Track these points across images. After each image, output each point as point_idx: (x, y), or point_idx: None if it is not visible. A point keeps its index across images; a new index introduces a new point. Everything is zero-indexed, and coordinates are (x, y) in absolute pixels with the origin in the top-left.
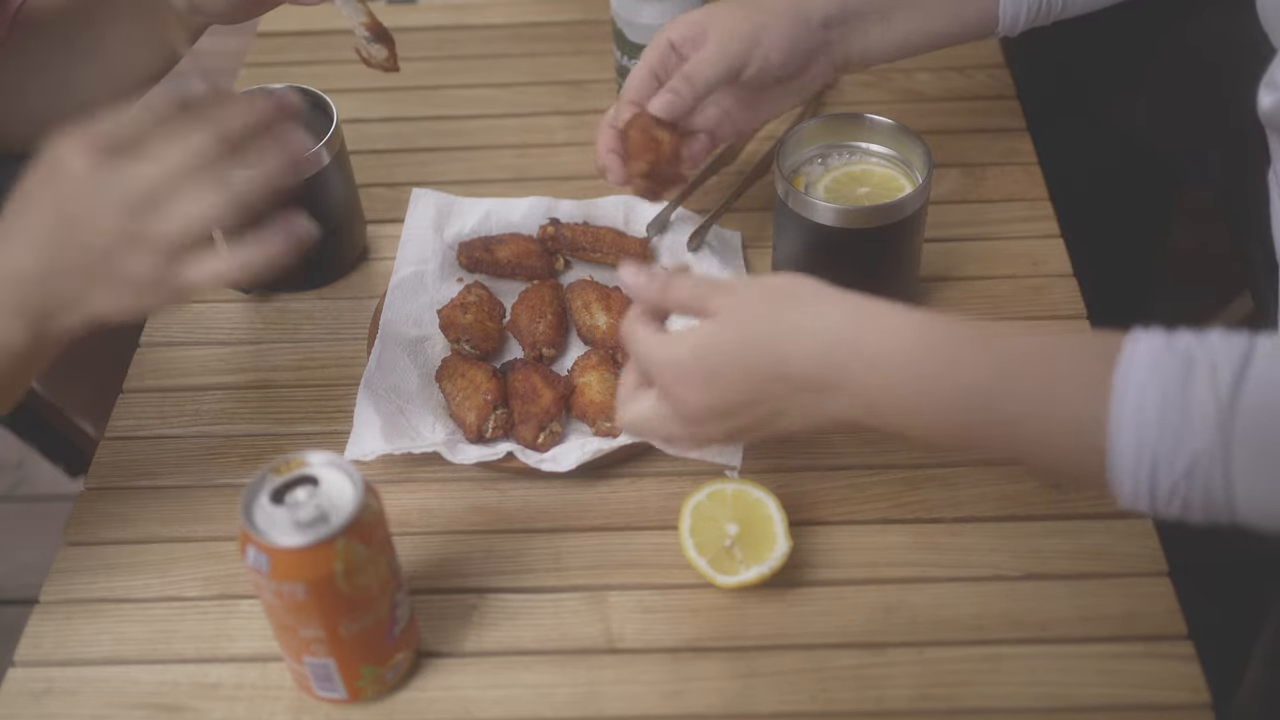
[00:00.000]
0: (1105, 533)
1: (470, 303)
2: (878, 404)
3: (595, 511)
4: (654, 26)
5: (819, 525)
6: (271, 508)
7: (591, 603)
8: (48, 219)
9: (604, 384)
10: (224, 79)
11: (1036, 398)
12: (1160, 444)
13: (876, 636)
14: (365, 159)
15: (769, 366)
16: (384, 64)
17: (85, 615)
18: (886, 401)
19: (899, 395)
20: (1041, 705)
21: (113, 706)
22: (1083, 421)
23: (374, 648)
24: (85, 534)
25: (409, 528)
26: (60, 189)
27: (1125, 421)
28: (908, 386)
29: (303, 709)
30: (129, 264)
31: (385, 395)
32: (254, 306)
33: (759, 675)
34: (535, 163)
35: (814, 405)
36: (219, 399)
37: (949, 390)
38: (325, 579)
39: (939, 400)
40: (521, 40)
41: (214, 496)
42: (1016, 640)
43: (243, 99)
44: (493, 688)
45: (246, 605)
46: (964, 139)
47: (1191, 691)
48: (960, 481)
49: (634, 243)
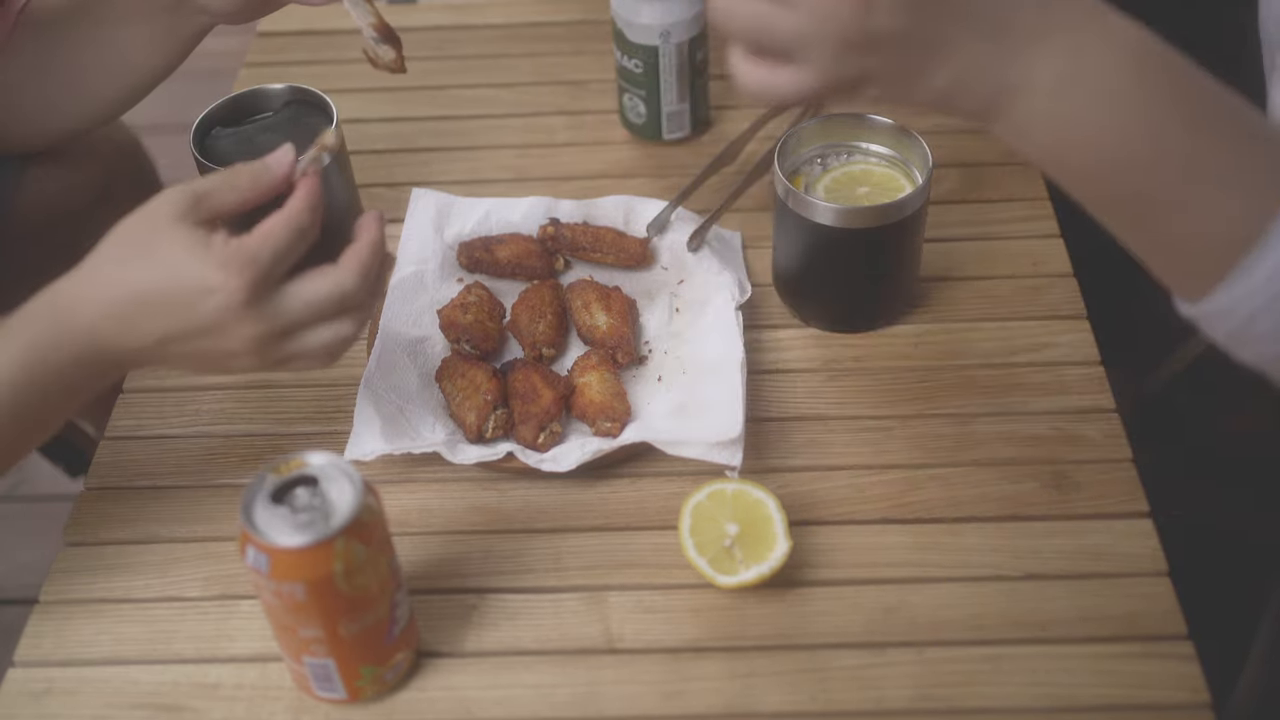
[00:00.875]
0: (1105, 533)
1: (470, 303)
2: (1061, 90)
3: (595, 511)
4: (654, 26)
5: (819, 525)
6: (271, 508)
7: (591, 603)
8: (187, 320)
9: (604, 384)
10: (224, 79)
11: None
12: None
13: (876, 636)
14: (365, 159)
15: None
16: (391, 65)
17: (85, 615)
18: (1070, 92)
19: (1088, 93)
20: (1041, 705)
21: (113, 706)
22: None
23: (374, 648)
24: (85, 534)
25: (409, 528)
26: (213, 305)
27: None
28: (1102, 92)
29: (303, 709)
30: (237, 365)
31: (385, 395)
32: None
33: (759, 675)
34: (535, 163)
35: (981, 59)
36: (219, 399)
37: (1140, 126)
38: (325, 579)
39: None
40: (521, 40)
41: (214, 496)
42: (1016, 640)
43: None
44: (493, 688)
45: (246, 605)
46: (964, 139)
47: (1191, 691)
48: (960, 481)
49: (634, 243)
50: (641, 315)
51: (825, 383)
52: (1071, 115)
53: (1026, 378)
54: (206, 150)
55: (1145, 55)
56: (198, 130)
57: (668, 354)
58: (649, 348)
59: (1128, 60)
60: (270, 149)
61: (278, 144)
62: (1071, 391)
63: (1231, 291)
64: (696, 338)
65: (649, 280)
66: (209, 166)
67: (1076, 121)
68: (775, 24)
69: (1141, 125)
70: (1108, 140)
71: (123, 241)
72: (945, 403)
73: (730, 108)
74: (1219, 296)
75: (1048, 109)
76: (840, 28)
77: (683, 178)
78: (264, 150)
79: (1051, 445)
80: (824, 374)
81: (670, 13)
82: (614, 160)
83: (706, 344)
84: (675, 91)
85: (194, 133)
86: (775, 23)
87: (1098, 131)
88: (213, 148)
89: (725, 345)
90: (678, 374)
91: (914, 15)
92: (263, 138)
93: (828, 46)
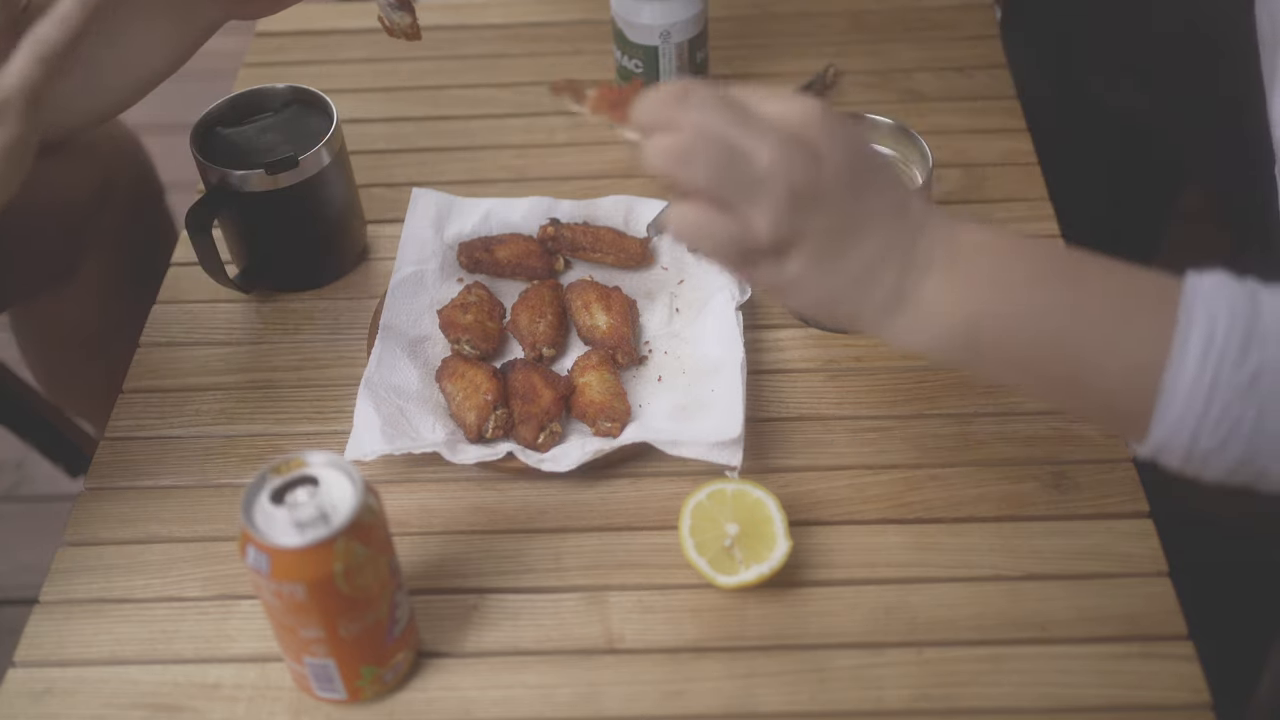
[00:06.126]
0: (1105, 533)
1: (470, 303)
2: (960, 257)
3: (595, 511)
4: (654, 26)
5: (819, 525)
6: (271, 508)
7: (591, 603)
8: None
9: (604, 384)
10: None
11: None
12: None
13: (876, 636)
14: (365, 159)
15: (882, 169)
16: (408, 31)
17: (85, 615)
18: (970, 259)
19: (988, 259)
20: (1041, 705)
21: (112, 707)
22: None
23: (374, 648)
24: (85, 534)
25: (409, 528)
26: None
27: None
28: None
29: (303, 709)
30: None
31: (385, 395)
32: (254, 306)
33: (759, 675)
34: (535, 163)
35: (902, 231)
36: (219, 399)
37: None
38: (325, 579)
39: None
40: (521, 40)
41: (214, 496)
42: (1016, 640)
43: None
44: (493, 688)
45: (246, 605)
46: (964, 139)
47: (1191, 691)
48: (960, 481)
49: (634, 243)
50: (641, 315)
51: (825, 383)
52: (959, 299)
53: None
54: (206, 150)
55: (1011, 241)
56: (198, 130)
57: (668, 354)
58: (649, 348)
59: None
60: (270, 149)
61: (278, 144)
62: None
63: (1164, 422)
64: (696, 338)
65: (649, 280)
66: (209, 166)
67: (966, 302)
68: (744, 158)
69: (1026, 299)
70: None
71: None
72: (945, 403)
73: None
74: (1155, 431)
75: (941, 287)
76: (794, 176)
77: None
78: (264, 150)
79: (1051, 445)
80: (824, 374)
81: (670, 13)
82: (614, 160)
83: (706, 344)
84: None
85: (194, 133)
86: (744, 156)
87: (991, 311)
88: (213, 148)
89: (725, 345)
90: (678, 374)
91: (853, 182)
92: (263, 138)
93: (779, 192)
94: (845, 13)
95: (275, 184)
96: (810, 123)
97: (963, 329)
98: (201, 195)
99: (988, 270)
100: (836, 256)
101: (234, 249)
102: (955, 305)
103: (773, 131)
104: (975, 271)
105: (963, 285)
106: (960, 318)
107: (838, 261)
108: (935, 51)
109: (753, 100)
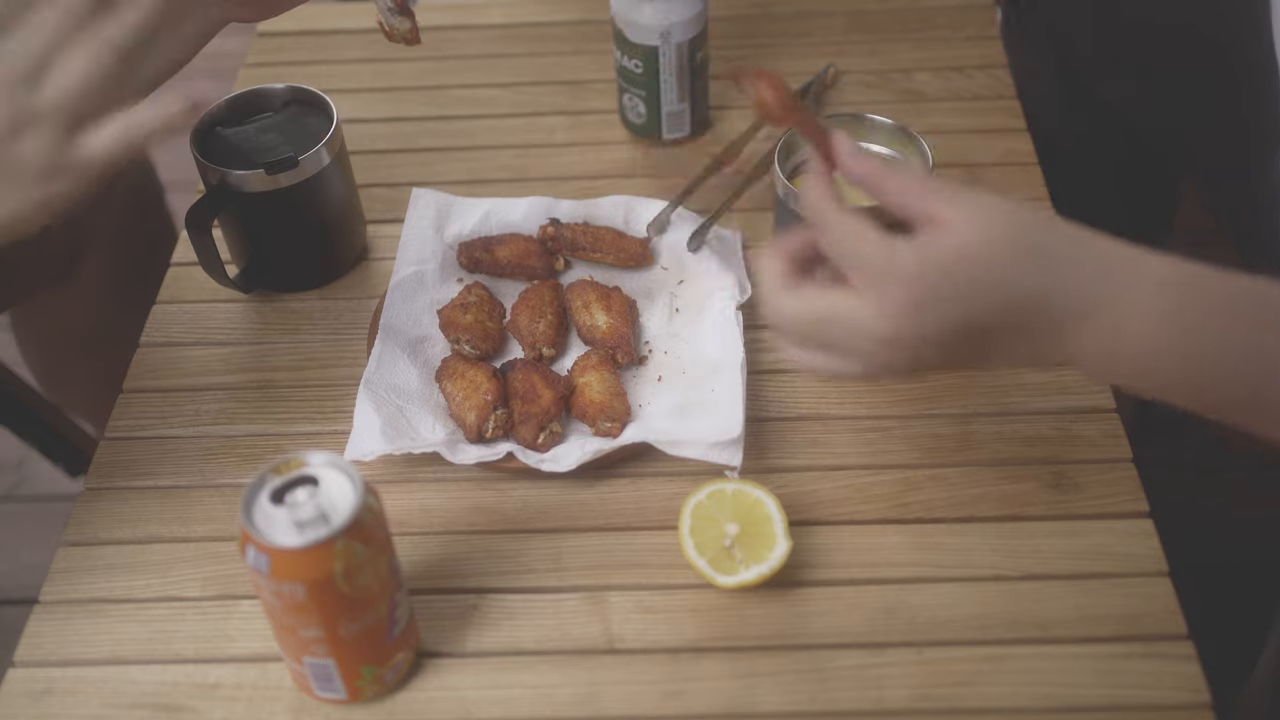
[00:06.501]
0: (1105, 533)
1: (470, 303)
2: (1105, 361)
3: (595, 511)
4: (654, 26)
5: (819, 525)
6: (271, 508)
7: (591, 603)
8: None
9: (604, 384)
10: (224, 79)
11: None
12: None
13: (876, 636)
14: (365, 159)
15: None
16: (407, 36)
17: (85, 615)
18: (1115, 363)
19: (1133, 358)
20: (1041, 705)
21: (112, 707)
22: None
23: (374, 648)
24: (85, 534)
25: (409, 528)
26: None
27: None
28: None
29: (303, 709)
30: (21, 148)
31: (385, 395)
32: (254, 306)
33: (759, 675)
34: (535, 163)
35: (1024, 357)
36: (219, 399)
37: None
38: (325, 579)
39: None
40: (521, 40)
41: (214, 496)
42: (1016, 640)
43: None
44: (493, 688)
45: (246, 605)
46: (964, 139)
47: (1191, 691)
48: (960, 481)
49: (634, 243)
50: (641, 315)
51: (825, 383)
52: (1120, 372)
53: (1026, 378)
54: (206, 150)
55: (1182, 300)
56: (198, 130)
57: (668, 354)
58: (649, 348)
59: (1165, 313)
60: (270, 149)
61: (278, 144)
62: (1071, 391)
63: None
64: (696, 338)
65: (649, 280)
66: (209, 166)
67: (1126, 374)
68: (839, 370)
69: (1193, 366)
70: (1168, 381)
71: None
72: (945, 403)
73: (730, 108)
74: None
75: (1102, 371)
76: (896, 367)
77: (683, 178)
78: (264, 150)
79: (1051, 445)
80: None
81: (670, 13)
82: (614, 160)
83: (706, 344)
84: (675, 91)
85: (194, 133)
86: (838, 369)
87: (1153, 379)
88: (213, 148)
89: (725, 345)
90: (678, 374)
91: (958, 344)
92: (263, 138)
93: (890, 376)
94: (845, 13)
95: (275, 184)
96: (893, 314)
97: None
98: (201, 195)
99: (1151, 368)
100: (974, 368)
101: (234, 249)
102: (1124, 386)
103: (858, 341)
104: (1139, 366)
105: (1127, 378)
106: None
107: (976, 368)
108: (935, 51)
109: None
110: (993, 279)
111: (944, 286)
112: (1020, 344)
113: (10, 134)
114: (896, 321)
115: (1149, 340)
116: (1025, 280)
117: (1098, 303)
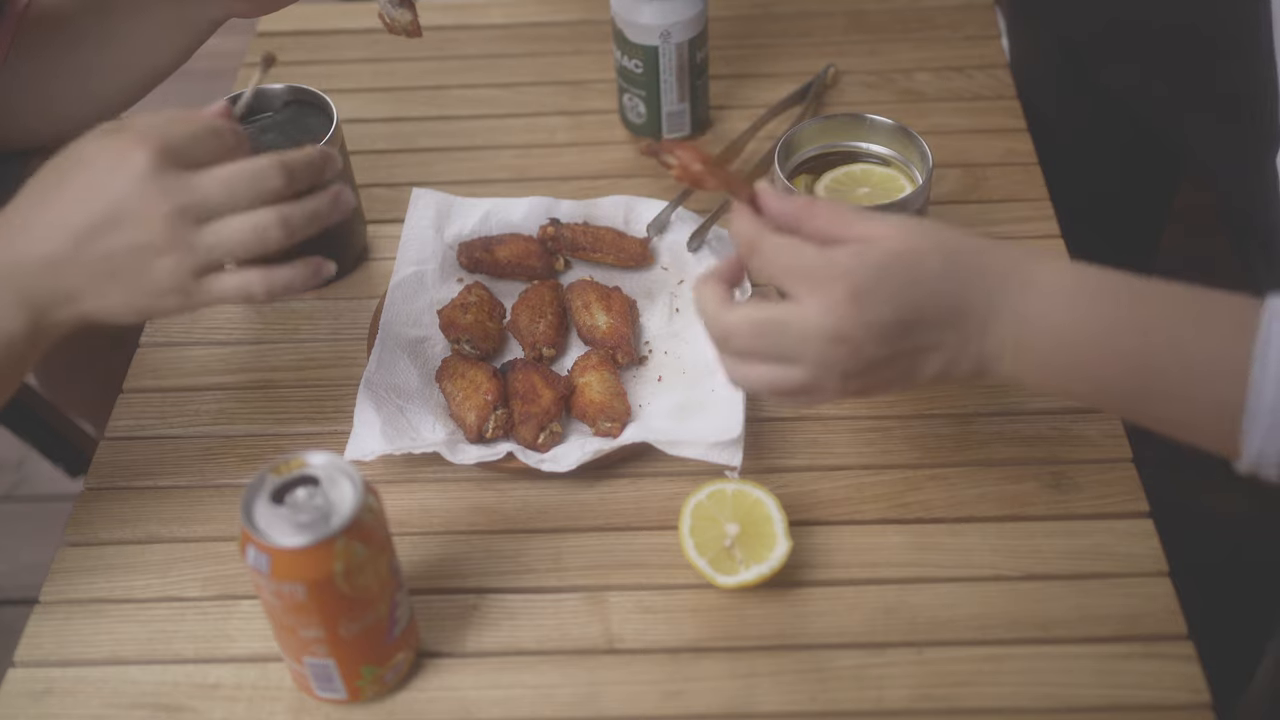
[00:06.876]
0: (1105, 533)
1: (470, 303)
2: (1027, 346)
3: (595, 511)
4: (654, 26)
5: (819, 525)
6: (271, 508)
7: (591, 603)
8: (93, 206)
9: (604, 384)
10: (224, 79)
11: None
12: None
13: (876, 636)
14: (365, 159)
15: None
16: (408, 28)
17: (85, 615)
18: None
19: (1054, 339)
20: (1041, 705)
21: (112, 707)
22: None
23: (374, 648)
24: (85, 534)
25: (409, 528)
26: (118, 180)
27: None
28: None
29: (303, 709)
30: (159, 266)
31: (385, 395)
32: (254, 306)
33: (759, 675)
34: (535, 163)
35: (967, 337)
36: (219, 399)
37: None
38: (325, 579)
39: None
40: (522, 40)
41: (214, 496)
42: (1016, 640)
43: (305, 150)
44: (493, 688)
45: (246, 605)
46: (964, 139)
47: (1191, 691)
48: (960, 481)
49: (634, 243)
50: (641, 315)
51: None
52: (1039, 364)
53: None
54: None
55: (1078, 293)
56: None
57: (668, 354)
58: (649, 348)
59: (1060, 308)
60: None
61: (278, 144)
62: None
63: (1252, 437)
64: (696, 338)
65: (649, 280)
66: None
67: (1045, 367)
68: (784, 380)
69: (1100, 350)
70: (1083, 372)
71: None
72: (945, 403)
73: (730, 108)
74: (1249, 446)
75: (1018, 366)
76: (840, 368)
77: None
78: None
79: (1051, 445)
80: None
81: (670, 13)
82: (614, 160)
83: (706, 344)
84: (675, 91)
85: None
86: (784, 380)
87: (1065, 371)
88: None
89: None
90: (678, 374)
91: (896, 331)
92: (263, 138)
93: (832, 382)
94: (845, 13)
95: None
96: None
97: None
98: None
99: (1057, 351)
100: (907, 382)
101: None
102: (1033, 382)
103: (803, 345)
104: (1046, 356)
105: (1037, 370)
106: (1037, 388)
107: (912, 381)
108: (935, 51)
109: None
110: (922, 276)
111: (880, 280)
112: (952, 334)
113: (156, 253)
114: (838, 314)
115: (1047, 336)
116: (947, 283)
117: (1000, 307)
